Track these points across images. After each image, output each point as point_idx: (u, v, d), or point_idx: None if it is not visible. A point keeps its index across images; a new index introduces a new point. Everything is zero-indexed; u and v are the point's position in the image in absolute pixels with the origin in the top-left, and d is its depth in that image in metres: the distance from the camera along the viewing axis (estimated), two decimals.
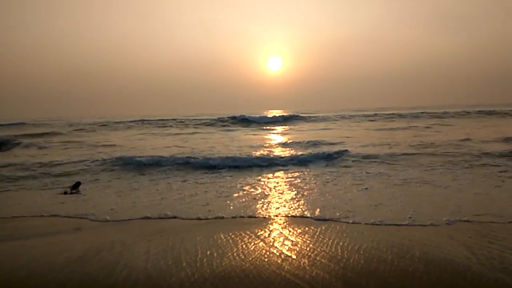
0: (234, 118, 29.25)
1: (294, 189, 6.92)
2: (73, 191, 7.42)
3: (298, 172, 8.83)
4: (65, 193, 7.36)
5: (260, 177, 8.31)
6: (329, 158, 10.19)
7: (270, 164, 9.82)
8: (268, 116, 32.20)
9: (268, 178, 8.18)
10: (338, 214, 5.15)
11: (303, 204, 5.75)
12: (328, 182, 7.46)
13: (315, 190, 6.73)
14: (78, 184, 7.70)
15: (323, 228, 4.54)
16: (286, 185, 7.41)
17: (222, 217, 5.24)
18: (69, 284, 3.25)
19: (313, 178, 7.94)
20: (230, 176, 8.54)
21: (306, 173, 8.67)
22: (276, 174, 8.71)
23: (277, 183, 7.65)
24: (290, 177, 8.18)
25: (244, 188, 7.19)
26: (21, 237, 4.62)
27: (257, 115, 31.24)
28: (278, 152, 12.02)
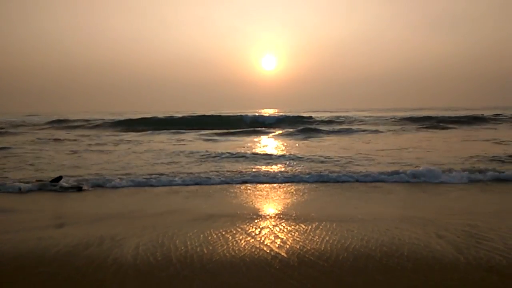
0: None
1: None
2: (54, 184, 7.40)
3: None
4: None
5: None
6: None
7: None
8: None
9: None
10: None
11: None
12: None
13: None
14: (59, 178, 7.65)
15: (313, 226, 4.55)
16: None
17: (214, 215, 5.24)
18: (58, 278, 3.23)
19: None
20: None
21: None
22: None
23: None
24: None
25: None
26: (10, 231, 4.58)
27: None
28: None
